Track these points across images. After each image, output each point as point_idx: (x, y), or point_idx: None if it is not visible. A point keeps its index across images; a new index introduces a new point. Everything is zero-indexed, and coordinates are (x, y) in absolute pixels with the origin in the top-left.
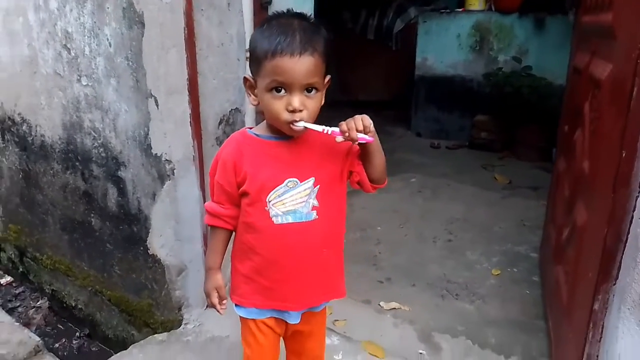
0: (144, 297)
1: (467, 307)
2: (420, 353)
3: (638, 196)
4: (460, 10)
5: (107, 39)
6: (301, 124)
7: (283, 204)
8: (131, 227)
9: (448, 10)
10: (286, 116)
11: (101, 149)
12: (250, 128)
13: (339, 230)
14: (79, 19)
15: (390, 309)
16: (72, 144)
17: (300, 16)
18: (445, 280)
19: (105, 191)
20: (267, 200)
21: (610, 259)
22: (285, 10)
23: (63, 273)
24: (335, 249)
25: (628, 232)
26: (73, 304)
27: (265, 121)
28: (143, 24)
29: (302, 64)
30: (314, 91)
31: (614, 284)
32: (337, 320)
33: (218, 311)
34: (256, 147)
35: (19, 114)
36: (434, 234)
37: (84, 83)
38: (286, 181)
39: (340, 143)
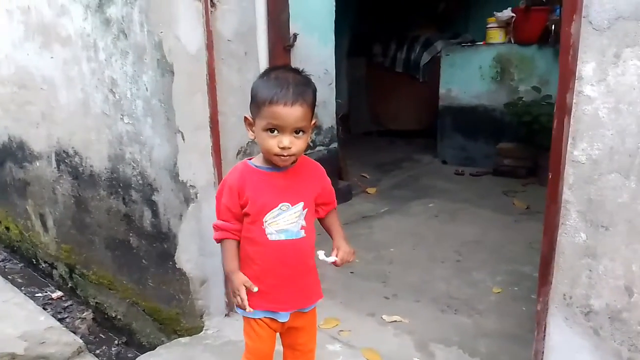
0: (173, 307)
1: (464, 321)
2: None
3: (562, 213)
4: (481, 43)
5: (145, 85)
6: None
7: (277, 224)
8: (162, 244)
9: (469, 44)
10: (277, 151)
11: (139, 177)
12: (250, 159)
13: (314, 243)
14: (123, 68)
15: (392, 322)
16: (116, 173)
17: (295, 70)
18: (448, 296)
19: (142, 213)
20: (264, 220)
21: (547, 266)
22: (282, 65)
23: (106, 287)
24: (313, 259)
25: (556, 242)
26: (114, 315)
27: (261, 154)
28: (173, 73)
29: (293, 112)
30: (301, 133)
31: (551, 288)
32: (342, 330)
33: (246, 306)
34: (255, 176)
35: (72, 147)
36: (445, 255)
37: (126, 121)
38: (280, 205)
39: (317, 181)
